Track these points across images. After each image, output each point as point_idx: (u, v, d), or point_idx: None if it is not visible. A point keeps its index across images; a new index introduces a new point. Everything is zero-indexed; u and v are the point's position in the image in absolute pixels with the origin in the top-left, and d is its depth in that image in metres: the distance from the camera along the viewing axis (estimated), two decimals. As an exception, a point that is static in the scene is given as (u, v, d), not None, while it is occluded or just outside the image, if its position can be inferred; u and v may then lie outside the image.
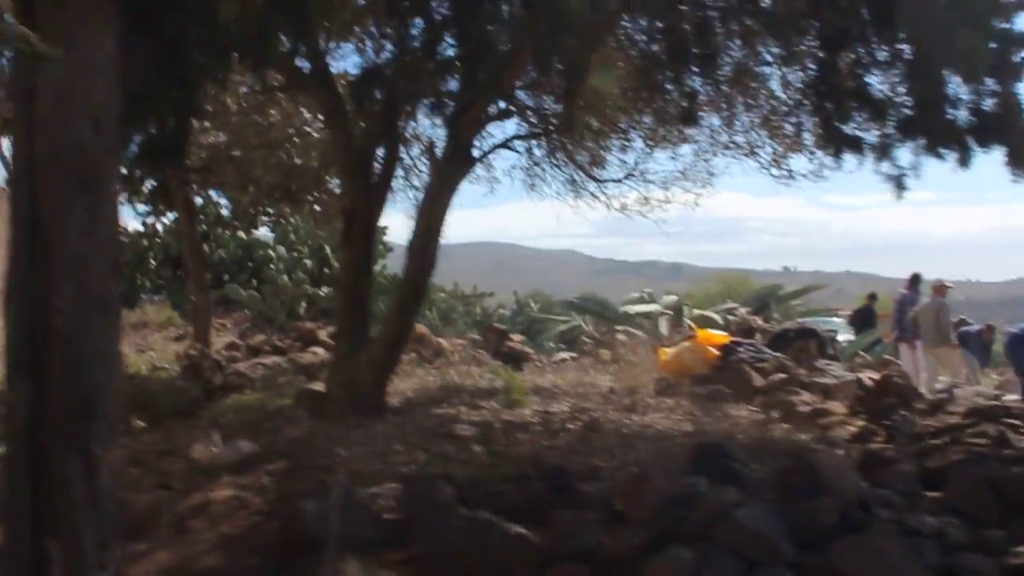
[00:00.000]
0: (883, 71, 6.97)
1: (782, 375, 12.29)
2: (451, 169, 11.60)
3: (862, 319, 21.03)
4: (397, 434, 10.18)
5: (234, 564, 6.32)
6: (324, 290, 26.77)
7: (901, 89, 7.20)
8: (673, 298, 23.35)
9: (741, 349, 13.33)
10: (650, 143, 13.59)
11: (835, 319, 21.79)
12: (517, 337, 18.73)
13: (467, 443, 9.52)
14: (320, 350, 16.02)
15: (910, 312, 17.96)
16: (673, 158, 14.44)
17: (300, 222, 27.79)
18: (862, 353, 19.47)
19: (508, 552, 5.34)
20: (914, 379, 16.46)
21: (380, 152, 12.35)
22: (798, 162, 11.57)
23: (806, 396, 11.29)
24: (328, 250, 27.69)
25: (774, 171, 11.87)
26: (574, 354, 20.01)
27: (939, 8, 6.61)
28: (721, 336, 14.65)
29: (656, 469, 6.91)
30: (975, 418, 7.36)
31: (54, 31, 5.34)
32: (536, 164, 14.56)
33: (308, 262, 27.36)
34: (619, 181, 14.82)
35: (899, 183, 7.39)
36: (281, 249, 27.49)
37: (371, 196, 12.10)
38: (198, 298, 18.23)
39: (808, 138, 10.90)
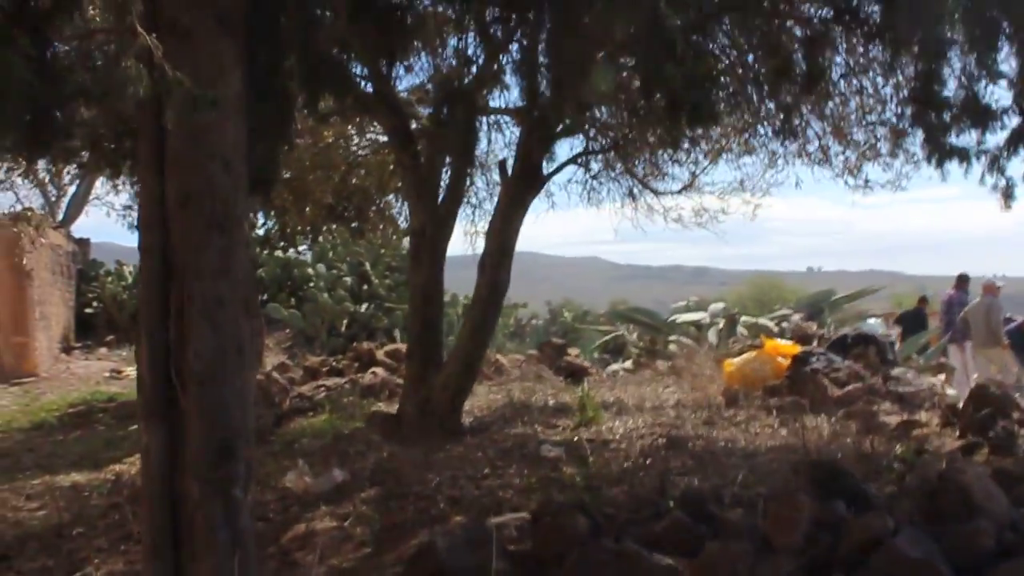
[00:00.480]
0: (990, 80, 6.91)
1: (858, 384, 12.17)
2: (522, 187, 11.56)
3: (914, 321, 20.86)
4: (481, 457, 10.13)
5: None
6: (364, 307, 26.75)
7: (1007, 99, 7.14)
8: (721, 305, 23.20)
9: (813, 358, 13.22)
10: (712, 154, 13.52)
11: (871, 320, 21.60)
12: (574, 351, 18.66)
13: (558, 465, 9.44)
14: (380, 370, 15.99)
15: (960, 313, 17.83)
16: (736, 168, 14.35)
17: (338, 239, 27.81)
18: (915, 356, 19.35)
19: (659, 585, 5.29)
20: (964, 381, 16.41)
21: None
22: (873, 171, 11.48)
23: (886, 406, 11.17)
24: (367, 266, 27.66)
25: (849, 179, 11.77)
26: (627, 365, 19.93)
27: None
28: (789, 346, 14.53)
29: (779, 491, 6.81)
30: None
31: (181, 69, 5.33)
32: (594, 177, 14.48)
33: (348, 279, 27.32)
34: (678, 193, 14.73)
35: (1007, 193, 7.33)
36: (321, 267, 27.48)
37: (439, 217, 12.08)
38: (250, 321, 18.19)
39: (884, 146, 10.83)
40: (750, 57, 8.58)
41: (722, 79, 8.48)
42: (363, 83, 11.71)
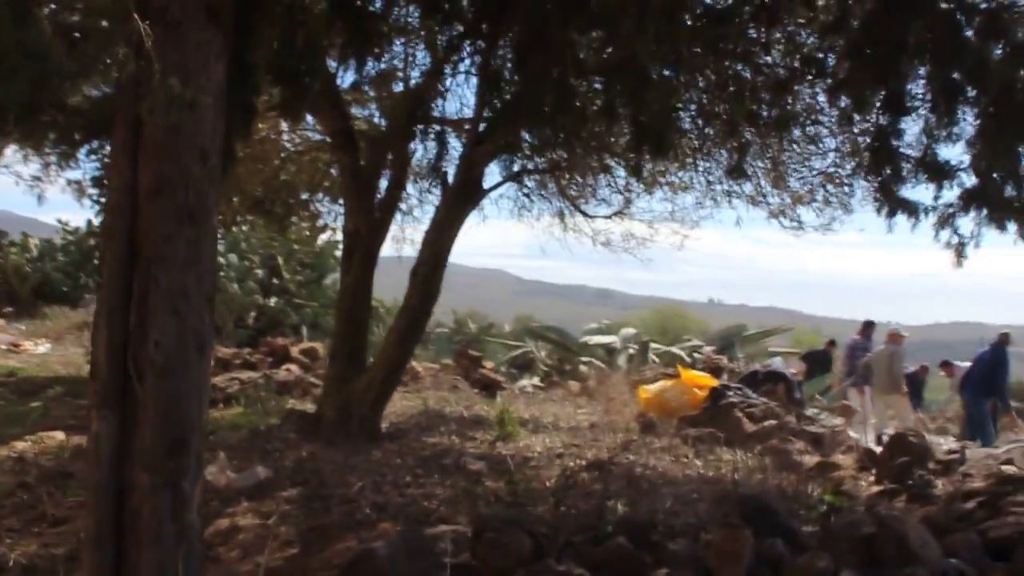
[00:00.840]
0: (949, 140, 7.14)
1: (773, 421, 12.44)
2: (461, 199, 11.61)
3: (819, 362, 21.31)
4: (401, 464, 10.15)
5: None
6: (274, 301, 26.51)
7: (964, 157, 7.37)
8: (632, 331, 23.50)
9: (730, 392, 13.48)
10: (649, 183, 13.69)
11: (776, 359, 22.04)
12: (489, 364, 18.73)
13: (480, 478, 9.50)
14: (294, 367, 15.87)
15: (863, 358, 18.29)
16: (665, 199, 14.56)
17: (251, 231, 27.51)
18: (818, 397, 19.80)
19: (603, 611, 5.37)
20: (863, 424, 16.88)
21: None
22: (806, 214, 11.78)
23: (800, 445, 11.43)
24: (280, 260, 27.41)
25: (783, 221, 12.04)
26: (535, 382, 20.06)
27: (1008, 73, 6.81)
28: (705, 377, 14.79)
29: (722, 524, 6.95)
30: (1010, 485, 7.52)
31: (167, 59, 5.29)
32: (526, 195, 14.59)
33: (259, 272, 27.05)
34: (609, 218, 14.90)
35: (959, 251, 7.57)
36: (232, 257, 27.15)
37: (374, 220, 12.09)
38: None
39: (819, 193, 11.12)
40: (708, 96, 8.76)
41: (685, 116, 8.64)
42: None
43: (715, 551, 5.85)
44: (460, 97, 12.97)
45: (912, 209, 7.48)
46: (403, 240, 14.99)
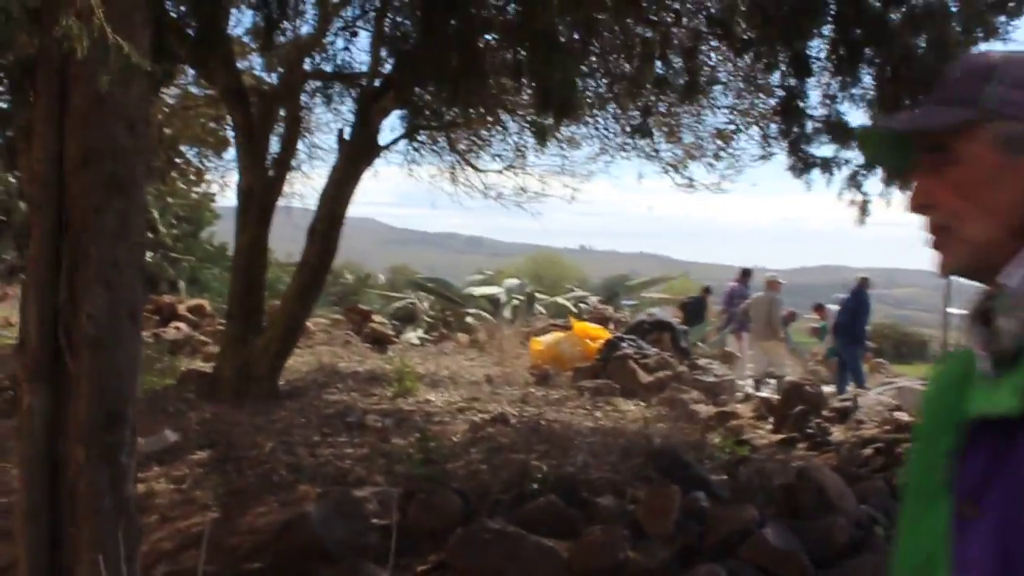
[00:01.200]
0: (851, 100, 7.39)
1: (667, 372, 12.75)
2: (358, 156, 11.58)
3: (695, 310, 21.78)
4: (306, 423, 10.17)
5: (235, 569, 6.27)
6: (149, 256, 26.00)
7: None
8: (516, 282, 23.64)
9: (624, 344, 13.75)
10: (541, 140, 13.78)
11: (658, 309, 22.44)
12: (378, 318, 18.72)
13: (387, 436, 9.59)
14: (183, 325, 15.66)
15: (740, 305, 18.78)
16: (557, 154, 14.70)
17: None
18: (699, 344, 20.27)
19: (540, 566, 5.52)
20: (742, 371, 17.42)
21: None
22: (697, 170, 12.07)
23: (695, 395, 11.76)
24: (155, 215, 26.86)
25: (676, 177, 12.30)
26: (421, 335, 20.12)
27: (908, 38, 7.08)
28: (598, 329, 15.05)
29: (621, 478, 7.16)
30: (904, 431, 7.89)
31: (89, 26, 5.20)
32: (416, 150, 14.58)
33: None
34: (500, 172, 14.99)
35: (863, 209, 7.86)
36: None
37: (268, 178, 11.97)
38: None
39: (711, 148, 11.39)
40: (614, 58, 8.88)
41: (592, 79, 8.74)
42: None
43: (645, 507, 6.06)
44: (354, 53, 12.65)
45: (827, 166, 7.73)
46: (298, 196, 14.86)
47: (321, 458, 8.77)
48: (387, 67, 11.67)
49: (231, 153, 15.63)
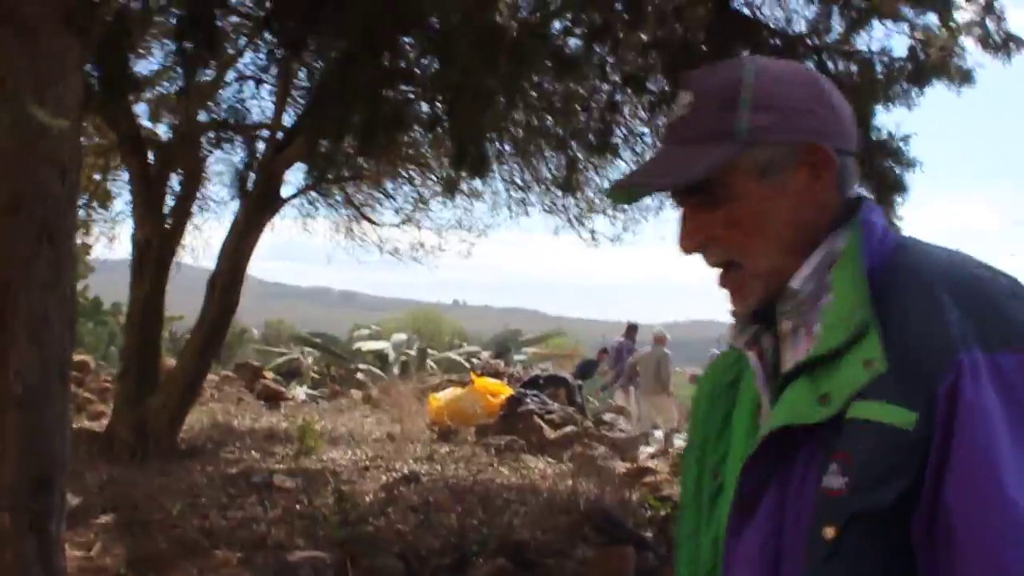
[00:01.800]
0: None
1: (573, 428, 12.66)
2: (260, 208, 11.31)
3: (585, 367, 21.78)
4: (210, 484, 9.79)
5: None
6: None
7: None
8: (403, 336, 23.37)
9: (528, 399, 13.62)
10: (433, 192, 13.74)
11: (547, 364, 22.39)
12: (269, 374, 18.28)
13: (298, 496, 9.28)
14: (67, 383, 14.99)
15: (628, 359, 18.85)
16: (455, 207, 14.62)
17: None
18: (592, 399, 20.26)
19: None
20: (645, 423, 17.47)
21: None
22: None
23: (602, 451, 11.69)
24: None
25: (582, 232, 12.33)
26: (309, 391, 19.72)
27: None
28: (498, 384, 14.89)
29: (558, 538, 7.01)
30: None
31: (21, 67, 4.94)
32: (311, 203, 14.35)
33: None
34: (397, 226, 14.84)
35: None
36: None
37: (166, 230, 11.61)
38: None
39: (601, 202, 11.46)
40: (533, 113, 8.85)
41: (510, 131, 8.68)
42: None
43: (599, 568, 5.92)
44: (253, 102, 12.40)
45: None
46: (190, 250, 14.42)
47: (234, 521, 8.43)
48: (290, 117, 11.46)
49: (117, 205, 15.14)
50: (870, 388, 1.24)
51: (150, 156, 11.67)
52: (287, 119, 11.93)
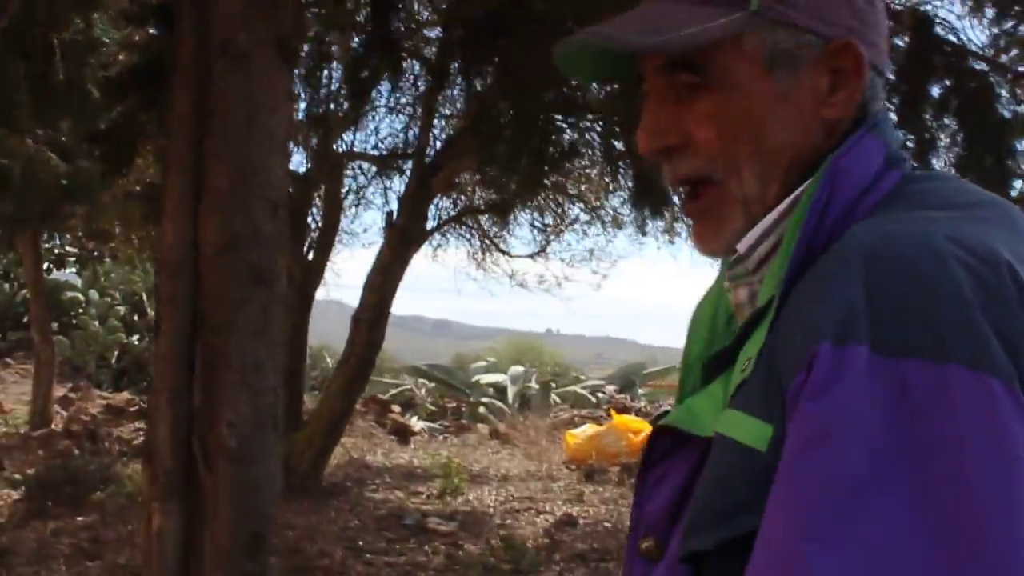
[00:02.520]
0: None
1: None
2: (406, 242, 11.02)
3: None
4: (361, 525, 9.50)
5: None
6: (137, 339, 25.26)
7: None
8: (520, 369, 22.97)
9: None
10: (561, 223, 13.48)
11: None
12: (397, 408, 18.04)
13: (457, 541, 8.94)
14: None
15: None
16: (584, 237, 14.36)
17: (112, 266, 26.16)
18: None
19: None
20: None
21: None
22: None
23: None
24: (144, 297, 26.10)
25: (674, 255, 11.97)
26: (433, 424, 19.44)
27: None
28: (638, 421, 14.42)
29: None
30: None
31: (236, 99, 4.65)
32: (442, 234, 14.08)
33: (121, 309, 25.71)
34: (530, 257, 14.56)
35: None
36: (93, 294, 25.75)
37: (308, 263, 11.40)
38: (42, 350, 16.66)
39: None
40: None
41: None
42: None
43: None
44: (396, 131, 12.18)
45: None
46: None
47: (399, 568, 8.09)
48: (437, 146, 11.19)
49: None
50: (737, 393, 0.96)
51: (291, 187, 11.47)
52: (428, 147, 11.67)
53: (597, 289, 15.02)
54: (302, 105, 11.02)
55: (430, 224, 11.39)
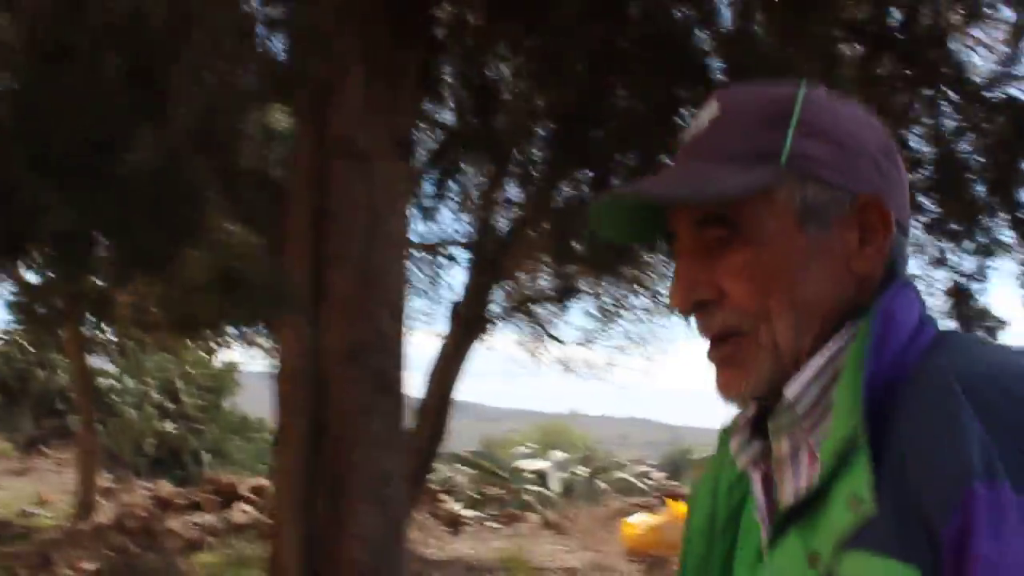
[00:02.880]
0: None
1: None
2: (469, 332, 10.87)
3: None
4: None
5: None
6: (173, 426, 25.13)
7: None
8: (562, 455, 22.69)
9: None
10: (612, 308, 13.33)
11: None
12: (444, 496, 17.78)
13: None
14: (248, 508, 14.68)
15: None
16: (637, 321, 14.17)
17: (147, 353, 26.12)
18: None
19: None
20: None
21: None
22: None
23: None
24: (179, 384, 26.04)
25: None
26: (478, 513, 19.14)
27: None
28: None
29: None
30: None
31: (358, 200, 4.53)
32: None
33: (156, 395, 25.63)
34: (582, 344, 14.37)
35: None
36: (129, 380, 25.68)
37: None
38: (85, 439, 16.52)
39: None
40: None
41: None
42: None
43: None
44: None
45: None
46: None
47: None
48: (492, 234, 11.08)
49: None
50: (860, 534, 0.94)
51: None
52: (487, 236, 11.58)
53: (646, 375, 14.79)
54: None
55: (490, 311, 11.14)
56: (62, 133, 3.54)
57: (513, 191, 10.83)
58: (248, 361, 17.61)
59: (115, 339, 23.17)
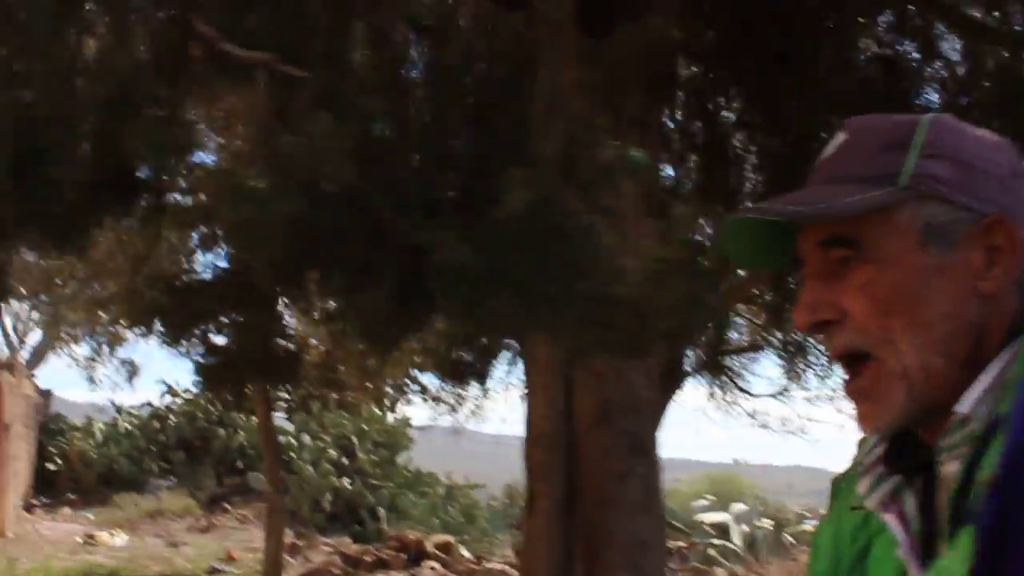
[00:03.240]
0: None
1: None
2: (667, 387, 10.69)
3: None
4: None
5: None
6: (349, 482, 25.45)
7: None
8: (742, 507, 22.14)
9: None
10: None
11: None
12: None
13: None
14: (436, 565, 14.69)
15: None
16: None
17: (322, 410, 26.58)
18: None
19: None
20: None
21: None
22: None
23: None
24: (354, 440, 26.39)
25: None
26: (671, 566, 18.80)
27: None
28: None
29: None
30: None
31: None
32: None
33: (332, 452, 25.99)
34: (773, 396, 14.01)
35: None
36: (306, 437, 26.13)
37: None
38: (272, 499, 16.77)
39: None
40: None
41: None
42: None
43: None
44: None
45: None
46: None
47: None
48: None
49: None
50: None
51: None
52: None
53: (841, 429, 14.31)
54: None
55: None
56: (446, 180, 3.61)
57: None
58: (431, 418, 17.67)
59: (297, 398, 23.69)
